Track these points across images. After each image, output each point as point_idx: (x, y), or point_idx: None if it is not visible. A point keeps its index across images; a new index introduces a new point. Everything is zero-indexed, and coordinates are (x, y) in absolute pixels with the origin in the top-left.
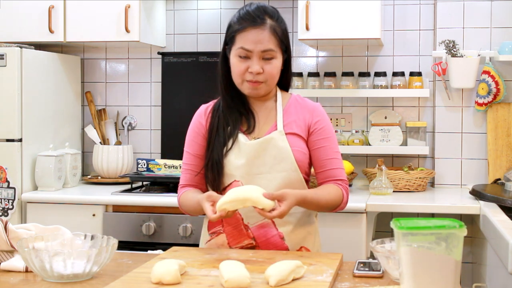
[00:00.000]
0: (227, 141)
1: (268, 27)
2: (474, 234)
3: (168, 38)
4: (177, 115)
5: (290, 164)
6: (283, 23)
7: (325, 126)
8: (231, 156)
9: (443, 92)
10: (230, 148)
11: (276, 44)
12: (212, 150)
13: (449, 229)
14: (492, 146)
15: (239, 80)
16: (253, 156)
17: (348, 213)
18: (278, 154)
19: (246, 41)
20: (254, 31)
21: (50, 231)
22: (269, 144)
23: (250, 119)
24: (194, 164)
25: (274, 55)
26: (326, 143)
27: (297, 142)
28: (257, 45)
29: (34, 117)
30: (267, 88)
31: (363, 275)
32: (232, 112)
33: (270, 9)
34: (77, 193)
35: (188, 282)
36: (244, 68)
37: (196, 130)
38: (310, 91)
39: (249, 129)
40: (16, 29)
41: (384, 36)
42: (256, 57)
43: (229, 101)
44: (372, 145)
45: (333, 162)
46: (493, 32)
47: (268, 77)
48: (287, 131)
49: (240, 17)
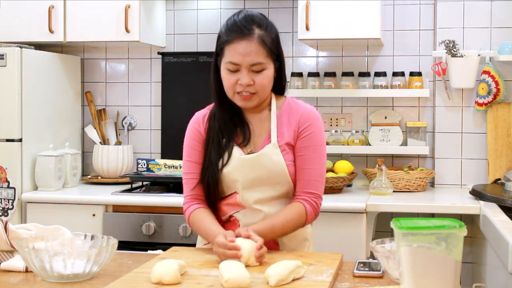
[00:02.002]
0: (223, 154)
1: (256, 37)
2: (474, 234)
3: (168, 38)
4: (177, 115)
5: (284, 177)
6: (273, 31)
7: (313, 133)
8: (226, 172)
9: (443, 92)
10: (226, 163)
11: (266, 55)
12: (208, 165)
13: (449, 229)
14: (492, 146)
15: (231, 93)
16: (248, 171)
17: (348, 213)
18: (272, 168)
19: (234, 54)
20: (242, 43)
21: (50, 231)
22: (263, 158)
23: (245, 131)
24: (197, 172)
25: (264, 67)
26: (308, 151)
27: (290, 156)
28: (245, 58)
29: (34, 117)
30: (259, 99)
31: (363, 275)
32: (227, 124)
33: (258, 17)
34: (77, 193)
35: (188, 282)
36: (234, 80)
37: (195, 138)
38: (310, 91)
39: (244, 142)
40: (16, 29)
41: (384, 36)
42: (245, 69)
43: (223, 113)
44: (372, 145)
45: (311, 172)
46: (493, 32)
47: (259, 88)
48: (280, 142)
49: (228, 28)
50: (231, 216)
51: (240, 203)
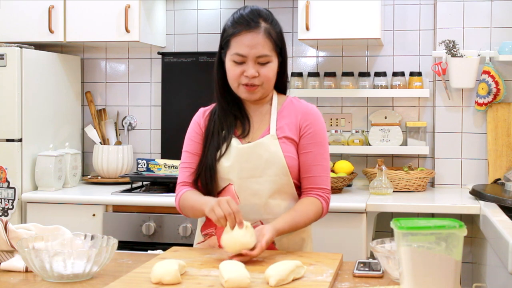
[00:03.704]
0: (221, 145)
1: (262, 30)
2: (474, 234)
3: (168, 38)
4: (177, 115)
5: (281, 168)
6: (278, 26)
7: (316, 130)
8: (223, 161)
9: (443, 92)
10: (224, 153)
11: (271, 48)
12: (206, 155)
13: (449, 229)
14: (492, 146)
15: (235, 84)
16: (244, 159)
17: (348, 213)
18: (269, 158)
19: (240, 46)
20: (249, 35)
21: (50, 231)
22: (261, 148)
23: (245, 123)
24: (193, 162)
25: (269, 59)
26: (314, 148)
27: (289, 148)
28: (252, 49)
29: (34, 117)
30: (264, 91)
31: (363, 275)
32: (227, 116)
33: (264, 12)
34: (77, 193)
35: (188, 282)
36: (239, 72)
37: (195, 130)
38: (310, 91)
39: (244, 133)
40: (16, 29)
41: (384, 36)
42: (251, 61)
43: (224, 106)
44: (372, 145)
45: (318, 168)
46: (493, 32)
47: (264, 80)
48: (279, 135)
49: (234, 21)
50: None
51: (236, 195)
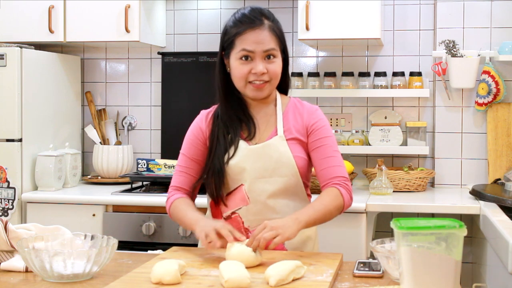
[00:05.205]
0: (229, 148)
1: (266, 27)
2: (474, 234)
3: (168, 38)
4: (177, 115)
5: (291, 169)
6: (279, 24)
7: (324, 126)
8: (233, 162)
9: (443, 92)
10: (232, 155)
11: (277, 43)
12: (213, 158)
13: (449, 229)
14: (492, 146)
15: (242, 83)
16: (255, 160)
17: (348, 213)
18: (279, 159)
19: (247, 42)
20: (254, 32)
21: (50, 231)
22: (270, 149)
23: (250, 125)
24: (189, 168)
25: (276, 54)
26: (325, 142)
27: (297, 148)
28: (259, 45)
29: (34, 117)
30: (271, 88)
31: (363, 275)
32: (232, 120)
33: (265, 11)
34: (77, 193)
35: (188, 282)
36: (247, 70)
37: (195, 134)
38: (310, 91)
39: (250, 136)
40: (16, 29)
41: (384, 36)
42: (258, 57)
43: (228, 108)
44: (372, 145)
45: (333, 160)
46: (493, 32)
47: (272, 76)
48: (287, 136)
49: (237, 20)
50: (233, 213)
51: (246, 195)
